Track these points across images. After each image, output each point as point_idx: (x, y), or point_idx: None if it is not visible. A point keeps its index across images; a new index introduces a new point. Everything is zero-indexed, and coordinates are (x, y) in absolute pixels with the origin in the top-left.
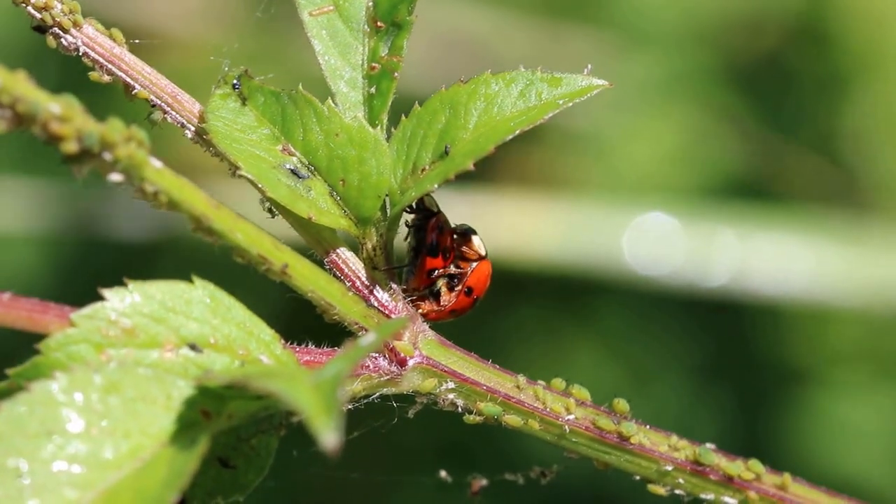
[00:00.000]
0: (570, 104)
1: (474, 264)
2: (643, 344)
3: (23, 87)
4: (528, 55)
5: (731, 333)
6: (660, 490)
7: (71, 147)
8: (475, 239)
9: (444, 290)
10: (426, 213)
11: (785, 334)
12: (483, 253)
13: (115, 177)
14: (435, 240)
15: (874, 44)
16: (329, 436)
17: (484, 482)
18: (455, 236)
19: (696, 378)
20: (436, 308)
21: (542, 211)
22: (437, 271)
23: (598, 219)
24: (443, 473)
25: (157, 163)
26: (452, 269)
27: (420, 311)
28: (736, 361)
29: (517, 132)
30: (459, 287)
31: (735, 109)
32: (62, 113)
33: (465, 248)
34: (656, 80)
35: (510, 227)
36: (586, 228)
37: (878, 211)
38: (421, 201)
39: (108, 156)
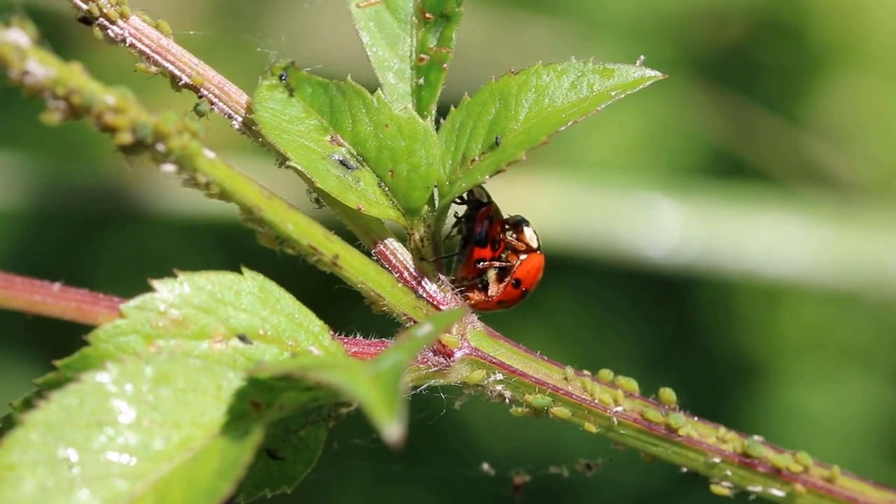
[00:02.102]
0: (623, 95)
1: (524, 256)
2: (589, 338)
3: (78, 78)
4: (482, 44)
5: (682, 323)
6: (724, 491)
7: (125, 138)
8: (527, 231)
9: (492, 280)
10: (476, 204)
11: (738, 324)
12: (535, 245)
13: (168, 167)
14: (484, 230)
15: (839, 35)
16: (392, 427)
17: (527, 478)
18: (507, 227)
19: (645, 371)
20: (483, 298)
21: (526, 188)
22: (484, 262)
23: (573, 196)
24: (485, 466)
25: (210, 153)
26: (500, 262)
27: (468, 301)
28: (687, 351)
29: (570, 123)
30: (508, 279)
31: (699, 99)
32: (117, 104)
33: (515, 240)
34: None
35: None
36: (563, 206)
37: (842, 192)
38: (471, 192)
39: (161, 147)
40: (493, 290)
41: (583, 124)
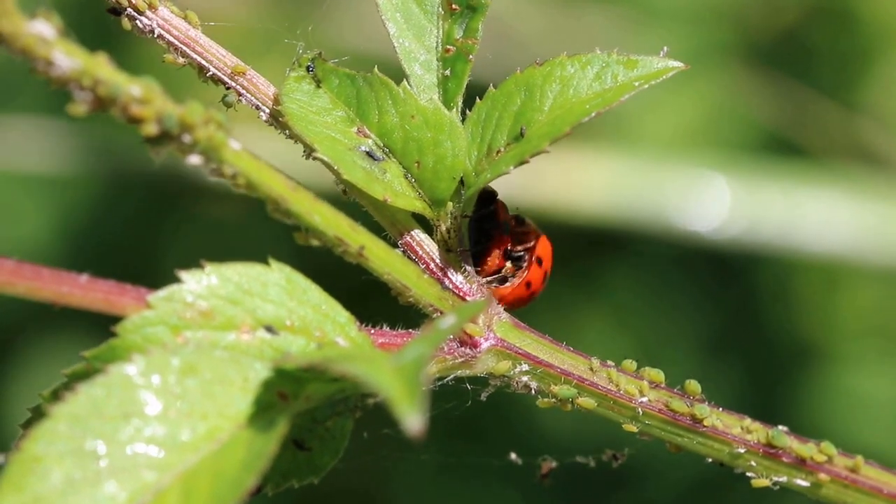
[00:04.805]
0: (646, 86)
1: (532, 243)
2: (652, 319)
3: (104, 69)
4: (544, 31)
5: (741, 304)
6: (765, 482)
7: (151, 129)
8: (527, 219)
9: (517, 271)
10: (491, 195)
11: (796, 306)
12: (539, 231)
13: (194, 159)
14: (505, 219)
15: (893, 19)
16: (413, 419)
17: (553, 464)
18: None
19: (705, 352)
20: (516, 287)
21: (581, 165)
22: (509, 251)
23: (628, 172)
24: (513, 456)
25: (235, 144)
26: (523, 245)
27: (500, 298)
28: (746, 332)
29: (594, 114)
30: (531, 257)
31: (754, 84)
32: (142, 95)
33: (522, 230)
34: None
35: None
36: (619, 183)
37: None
38: (485, 188)
39: (187, 138)
40: (521, 277)
41: (641, 110)
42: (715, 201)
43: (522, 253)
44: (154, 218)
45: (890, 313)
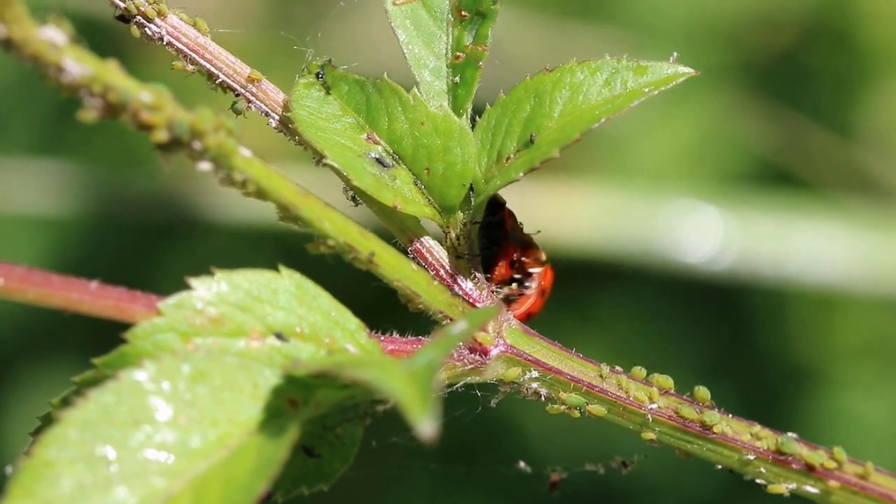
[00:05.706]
0: (656, 92)
1: (539, 270)
2: (646, 341)
3: (114, 76)
4: (540, 53)
5: (735, 330)
6: (781, 489)
7: (161, 136)
8: (534, 242)
9: (520, 297)
10: (500, 203)
11: (790, 330)
12: (543, 258)
13: (204, 165)
14: (512, 228)
15: (891, 40)
16: (426, 425)
17: (564, 475)
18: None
19: (700, 374)
20: (522, 307)
21: (573, 196)
22: (516, 261)
23: (620, 204)
24: (521, 464)
25: (246, 151)
26: (529, 261)
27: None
28: (740, 358)
29: (603, 120)
30: (535, 285)
31: (751, 105)
32: (153, 102)
33: (530, 254)
34: None
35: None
36: (611, 214)
37: (889, 200)
38: (493, 196)
39: (197, 144)
40: (525, 304)
41: (637, 131)
42: (708, 233)
43: (526, 274)
44: (141, 254)
45: (885, 333)
